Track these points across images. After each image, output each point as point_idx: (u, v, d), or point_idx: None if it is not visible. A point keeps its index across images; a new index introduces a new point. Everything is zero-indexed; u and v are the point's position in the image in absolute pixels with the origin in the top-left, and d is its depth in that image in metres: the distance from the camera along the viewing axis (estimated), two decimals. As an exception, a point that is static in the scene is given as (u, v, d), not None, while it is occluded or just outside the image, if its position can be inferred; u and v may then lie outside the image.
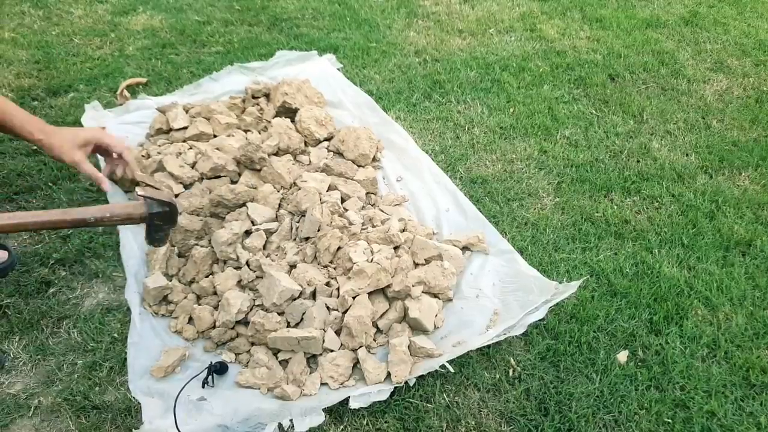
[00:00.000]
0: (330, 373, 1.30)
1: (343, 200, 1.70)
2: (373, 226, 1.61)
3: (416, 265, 1.52)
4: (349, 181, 1.77)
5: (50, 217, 1.18)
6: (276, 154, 1.84)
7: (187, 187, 1.72)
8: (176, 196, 1.70)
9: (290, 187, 1.72)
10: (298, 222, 1.60)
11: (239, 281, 1.48)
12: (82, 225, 1.22)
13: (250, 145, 1.73)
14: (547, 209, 1.78)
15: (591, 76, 2.42)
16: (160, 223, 1.29)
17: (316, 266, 1.51)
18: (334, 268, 1.50)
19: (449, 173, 1.88)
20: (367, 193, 1.78)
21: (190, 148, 1.82)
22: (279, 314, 1.39)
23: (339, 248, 1.51)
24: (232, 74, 2.27)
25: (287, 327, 1.38)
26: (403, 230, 1.60)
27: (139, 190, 1.26)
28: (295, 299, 1.41)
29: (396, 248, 1.54)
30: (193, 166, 1.77)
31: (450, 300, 1.48)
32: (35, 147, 1.87)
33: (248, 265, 1.50)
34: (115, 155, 1.52)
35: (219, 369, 1.31)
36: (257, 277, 1.47)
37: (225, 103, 2.05)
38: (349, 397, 1.24)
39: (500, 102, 2.24)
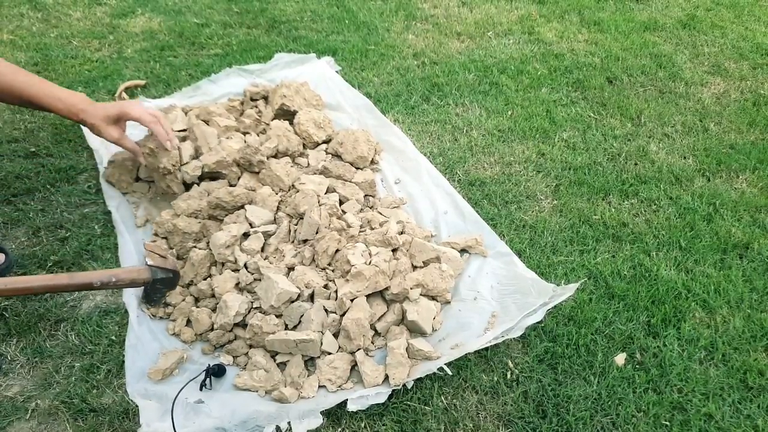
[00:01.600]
0: (328, 375, 1.30)
1: (341, 202, 1.70)
2: (372, 228, 1.61)
3: (414, 267, 1.52)
4: (347, 183, 1.77)
5: (57, 282, 1.25)
6: (275, 157, 1.84)
7: (187, 187, 1.73)
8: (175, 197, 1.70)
9: (289, 190, 1.72)
10: (296, 224, 1.60)
11: (237, 284, 1.48)
12: (88, 289, 1.30)
13: (249, 148, 1.73)
14: (545, 212, 1.78)
15: (589, 79, 2.42)
16: (161, 287, 1.41)
17: (314, 268, 1.51)
18: (333, 271, 1.50)
19: (447, 176, 1.89)
20: (366, 196, 1.78)
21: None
22: (277, 317, 1.39)
23: (337, 250, 1.51)
24: (231, 76, 2.27)
25: (285, 329, 1.38)
26: (402, 232, 1.61)
27: (148, 260, 1.38)
28: (293, 302, 1.41)
29: (394, 251, 1.54)
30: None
31: (448, 302, 1.48)
32: (33, 150, 1.88)
33: (246, 268, 1.50)
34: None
35: (217, 372, 1.31)
36: (255, 279, 1.47)
37: (224, 106, 2.05)
38: (347, 399, 1.24)
39: (498, 105, 2.25)
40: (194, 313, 1.42)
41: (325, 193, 1.71)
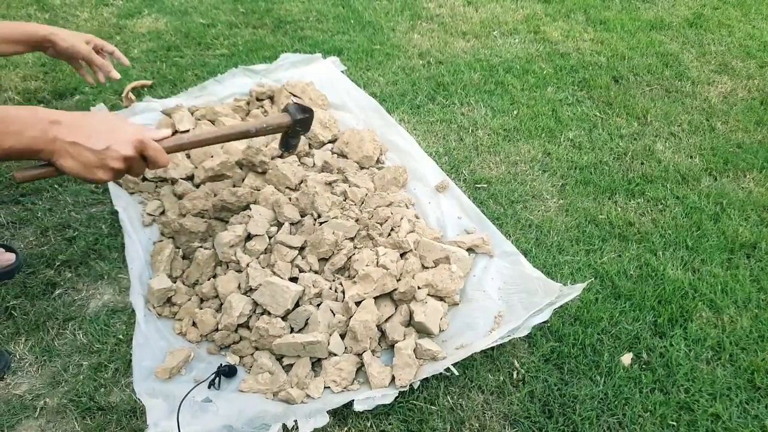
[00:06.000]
0: (333, 377, 1.30)
1: (345, 199, 1.70)
2: (380, 225, 1.61)
3: (424, 267, 1.52)
4: (350, 180, 1.77)
5: (221, 133, 1.31)
6: (281, 157, 1.85)
7: (192, 181, 1.73)
8: (181, 197, 1.71)
9: (295, 189, 1.72)
10: (302, 224, 1.61)
11: (239, 285, 1.48)
12: (248, 136, 1.36)
13: (251, 149, 1.74)
14: (551, 211, 1.77)
15: (595, 78, 2.42)
16: (299, 129, 1.46)
17: (320, 269, 1.51)
18: (339, 272, 1.50)
19: (453, 175, 1.89)
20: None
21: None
22: (282, 319, 1.39)
23: (344, 251, 1.51)
24: (237, 77, 2.28)
25: (291, 332, 1.38)
26: (411, 231, 1.60)
27: (291, 100, 1.49)
28: (298, 304, 1.41)
29: (403, 254, 1.54)
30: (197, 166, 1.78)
31: (456, 304, 1.48)
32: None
33: (248, 268, 1.50)
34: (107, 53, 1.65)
35: (228, 372, 1.31)
36: (259, 284, 1.46)
37: (230, 106, 2.06)
38: (353, 399, 1.24)
39: (504, 104, 2.24)
40: (198, 314, 1.42)
41: (331, 192, 1.70)
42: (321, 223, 1.57)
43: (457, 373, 1.30)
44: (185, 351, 1.35)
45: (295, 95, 1.50)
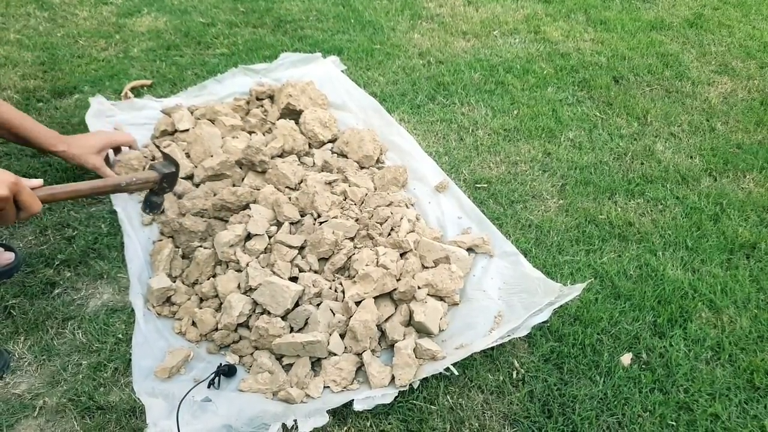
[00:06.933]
0: (332, 376, 1.30)
1: (345, 198, 1.70)
2: (380, 224, 1.60)
3: (424, 267, 1.52)
4: (351, 180, 1.77)
5: (94, 185, 1.38)
6: (281, 156, 1.85)
7: (192, 181, 1.73)
8: (180, 197, 1.71)
9: (295, 188, 1.72)
10: (302, 224, 1.61)
11: (239, 285, 1.48)
12: (119, 190, 1.45)
13: (250, 148, 1.74)
14: (551, 211, 1.77)
15: (595, 79, 2.42)
16: (165, 185, 1.52)
17: (320, 269, 1.51)
18: (339, 271, 1.50)
19: (453, 175, 1.89)
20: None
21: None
22: (282, 319, 1.39)
23: (344, 251, 1.51)
24: (237, 76, 2.28)
25: (291, 332, 1.38)
26: (411, 231, 1.60)
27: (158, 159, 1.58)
28: (298, 304, 1.41)
29: (403, 254, 1.53)
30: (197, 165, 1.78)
31: (456, 304, 1.48)
32: (42, 153, 1.89)
33: (248, 268, 1.50)
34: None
35: (227, 372, 1.31)
36: (259, 284, 1.45)
37: (229, 105, 2.06)
38: (353, 399, 1.24)
39: (504, 104, 2.24)
40: (198, 314, 1.42)
41: (331, 192, 1.70)
42: (321, 223, 1.57)
43: (456, 373, 1.30)
44: (185, 350, 1.35)
45: (161, 152, 1.68)
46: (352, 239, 1.56)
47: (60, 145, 1.66)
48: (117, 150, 1.83)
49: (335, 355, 1.34)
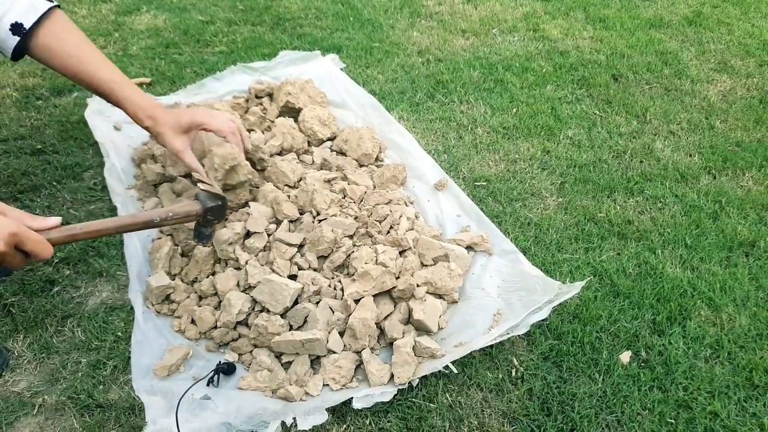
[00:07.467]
0: (332, 374, 1.30)
1: (344, 196, 1.70)
2: (379, 222, 1.61)
3: (423, 265, 1.52)
4: (350, 178, 1.77)
5: (121, 222, 1.25)
6: (280, 154, 1.85)
7: (191, 179, 1.73)
8: (180, 195, 1.71)
9: (294, 186, 1.72)
10: (301, 222, 1.60)
11: (238, 283, 1.48)
12: (150, 226, 1.29)
13: (250, 146, 1.74)
14: (550, 209, 1.78)
15: (594, 77, 2.42)
16: (211, 218, 1.40)
17: (319, 267, 1.51)
18: (338, 269, 1.50)
19: (452, 173, 1.89)
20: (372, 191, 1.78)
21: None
22: (281, 317, 1.39)
23: (343, 249, 1.51)
24: (236, 74, 2.28)
25: (290, 330, 1.38)
26: (410, 229, 1.60)
27: (199, 186, 1.40)
28: (297, 302, 1.41)
29: (402, 252, 1.53)
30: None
31: (455, 302, 1.48)
32: (39, 147, 1.89)
33: (247, 266, 1.50)
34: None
35: (227, 370, 1.31)
36: (258, 282, 1.45)
37: (228, 103, 2.05)
38: (352, 397, 1.24)
39: (503, 102, 2.24)
40: (197, 312, 1.42)
41: (330, 190, 1.70)
42: (320, 221, 1.57)
43: (455, 371, 1.30)
44: (184, 348, 1.35)
45: (202, 182, 1.44)
46: (351, 237, 1.56)
47: (147, 120, 1.42)
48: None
49: (334, 353, 1.34)
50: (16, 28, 1.27)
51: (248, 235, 1.57)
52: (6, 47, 1.30)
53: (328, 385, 1.30)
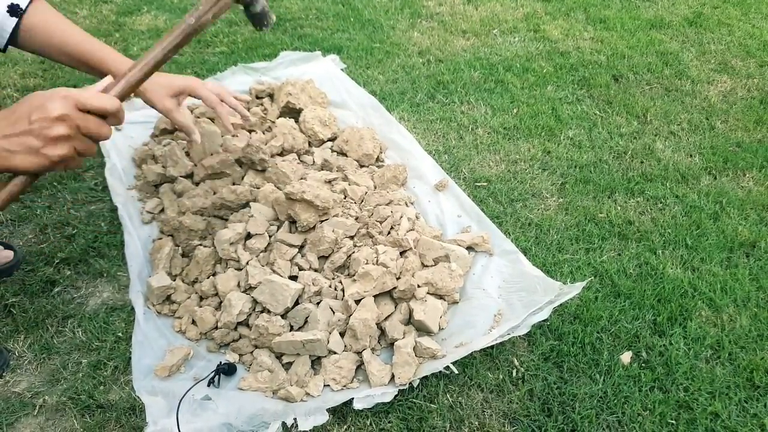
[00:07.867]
0: (332, 375, 1.30)
1: (345, 197, 1.70)
2: (380, 223, 1.60)
3: (424, 266, 1.52)
4: (350, 179, 1.77)
5: (164, 45, 1.05)
6: (280, 155, 1.85)
7: (192, 179, 1.73)
8: (180, 195, 1.71)
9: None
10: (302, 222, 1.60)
11: (239, 283, 1.48)
12: (192, 35, 1.07)
13: (250, 147, 1.74)
14: (551, 210, 1.78)
15: (595, 77, 2.42)
16: None
17: (320, 268, 1.51)
18: (339, 270, 1.50)
19: (453, 174, 1.89)
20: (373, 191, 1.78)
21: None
22: (282, 317, 1.39)
23: (343, 249, 1.51)
24: (236, 74, 2.28)
25: (290, 330, 1.38)
26: (411, 230, 1.60)
27: None
28: (298, 302, 1.41)
29: (403, 252, 1.53)
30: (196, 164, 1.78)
31: (456, 302, 1.48)
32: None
33: (248, 266, 1.50)
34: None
35: (227, 370, 1.31)
36: (258, 282, 1.46)
37: (229, 103, 2.05)
38: (353, 398, 1.24)
39: (504, 102, 2.24)
40: (197, 312, 1.42)
41: (330, 190, 1.70)
42: (321, 222, 1.57)
43: (456, 372, 1.30)
44: (184, 349, 1.35)
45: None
46: (351, 238, 1.56)
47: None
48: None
49: (335, 353, 1.34)
50: (13, 9, 1.26)
51: (249, 235, 1.57)
52: (3, 30, 1.28)
53: (328, 385, 1.30)
